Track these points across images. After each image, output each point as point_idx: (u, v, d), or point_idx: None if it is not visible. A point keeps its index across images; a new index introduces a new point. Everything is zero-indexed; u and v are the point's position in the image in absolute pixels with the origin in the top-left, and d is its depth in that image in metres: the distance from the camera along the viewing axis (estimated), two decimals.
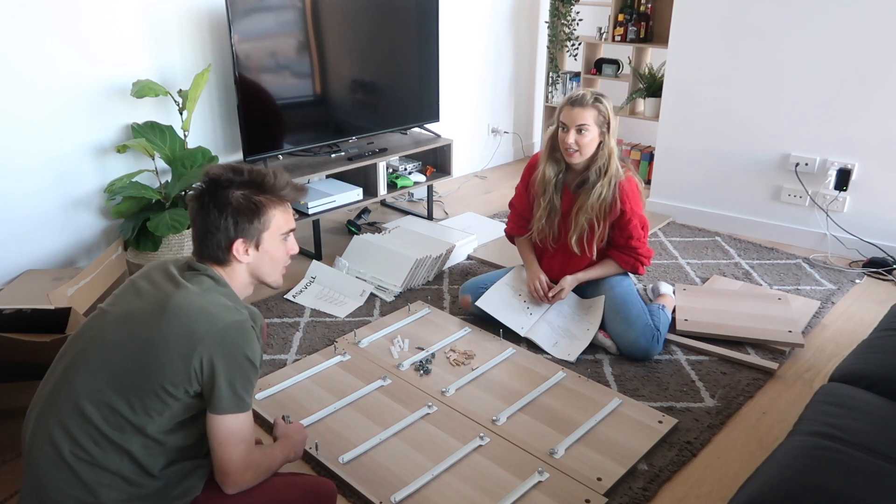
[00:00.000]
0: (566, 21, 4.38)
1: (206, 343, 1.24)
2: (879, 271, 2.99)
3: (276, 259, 1.43)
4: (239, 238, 1.35)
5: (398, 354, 2.33)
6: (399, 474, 1.77)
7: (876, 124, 2.98)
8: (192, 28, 2.89)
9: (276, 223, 1.39)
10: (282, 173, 1.40)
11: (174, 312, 1.25)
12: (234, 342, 1.26)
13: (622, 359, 2.33)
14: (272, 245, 1.40)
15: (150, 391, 1.23)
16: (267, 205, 1.37)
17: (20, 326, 1.91)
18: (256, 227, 1.36)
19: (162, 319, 1.25)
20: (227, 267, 1.39)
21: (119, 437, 1.23)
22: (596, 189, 2.30)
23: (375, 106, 3.43)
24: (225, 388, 1.25)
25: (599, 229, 2.35)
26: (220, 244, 1.35)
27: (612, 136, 2.29)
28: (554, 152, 2.36)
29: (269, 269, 1.43)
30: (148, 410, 1.24)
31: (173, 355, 1.23)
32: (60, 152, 2.65)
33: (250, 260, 1.39)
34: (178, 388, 1.24)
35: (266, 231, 1.38)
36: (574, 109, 2.24)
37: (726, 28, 3.24)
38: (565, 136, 2.27)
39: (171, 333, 1.24)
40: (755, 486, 1.24)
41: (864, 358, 1.71)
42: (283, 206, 1.40)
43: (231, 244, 1.35)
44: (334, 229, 3.56)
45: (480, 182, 4.38)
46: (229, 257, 1.37)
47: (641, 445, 1.88)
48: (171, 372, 1.23)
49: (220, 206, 1.33)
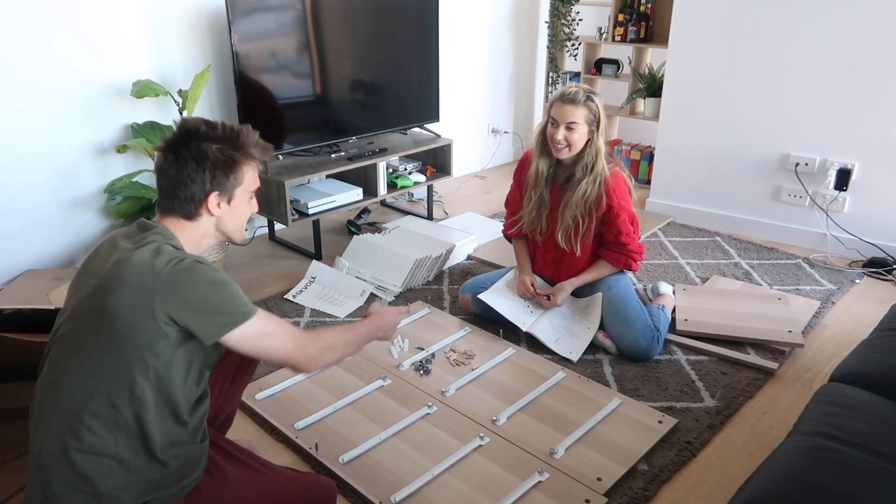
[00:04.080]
0: (566, 21, 4.38)
1: (160, 295, 1.20)
2: (879, 271, 2.99)
3: (243, 216, 1.43)
4: (215, 191, 1.35)
5: (398, 354, 2.33)
6: (399, 474, 1.77)
7: (876, 124, 2.98)
8: (192, 28, 2.89)
9: (248, 180, 1.40)
10: (252, 131, 1.41)
11: (120, 280, 1.22)
12: (186, 280, 1.23)
13: (622, 359, 2.33)
14: (242, 201, 1.40)
15: (131, 361, 1.21)
16: (242, 161, 1.37)
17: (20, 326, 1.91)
18: (232, 181, 1.36)
19: (110, 291, 1.22)
20: (193, 221, 1.37)
21: (113, 418, 1.22)
22: (581, 186, 2.30)
23: (375, 106, 3.43)
24: (210, 315, 1.24)
25: (585, 225, 2.35)
26: (193, 197, 1.34)
27: (601, 134, 2.29)
28: (545, 146, 2.36)
29: (235, 226, 1.43)
30: (136, 380, 1.22)
31: (137, 319, 1.20)
32: (61, 152, 2.65)
33: (221, 214, 1.38)
34: (156, 345, 1.22)
35: (239, 187, 1.38)
36: (565, 106, 2.24)
37: (726, 28, 3.24)
38: (554, 131, 2.27)
39: (124, 299, 1.21)
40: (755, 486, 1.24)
41: (864, 358, 1.71)
42: (254, 164, 1.41)
43: (206, 197, 1.34)
44: (334, 229, 3.56)
45: (480, 182, 4.38)
46: (200, 210, 1.36)
47: (641, 445, 1.88)
48: (143, 335, 1.21)
49: (198, 158, 1.32)
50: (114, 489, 1.24)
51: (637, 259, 2.41)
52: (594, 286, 2.48)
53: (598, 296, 2.43)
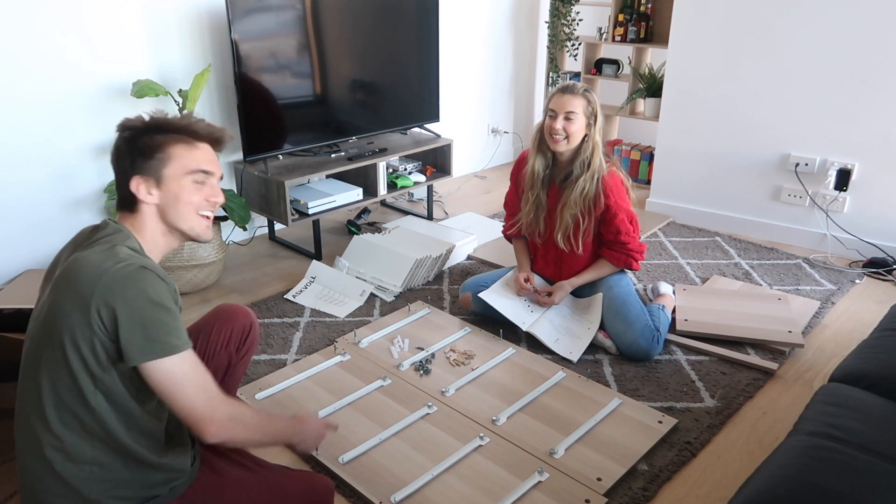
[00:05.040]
0: (566, 21, 4.38)
1: (97, 294, 1.16)
2: (879, 271, 2.99)
3: (187, 201, 1.32)
4: (135, 174, 1.29)
5: (398, 354, 2.33)
6: (399, 474, 1.77)
7: (876, 125, 2.98)
8: (192, 28, 2.89)
9: (181, 160, 1.31)
10: (190, 117, 1.36)
11: (66, 279, 1.20)
12: (127, 286, 1.17)
13: (622, 359, 2.33)
14: (178, 184, 1.31)
15: (74, 368, 1.18)
16: (168, 140, 1.30)
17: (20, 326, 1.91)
18: (155, 163, 1.29)
19: (56, 291, 1.20)
20: (137, 214, 1.31)
21: (80, 425, 1.20)
22: (579, 183, 2.31)
23: (375, 106, 3.43)
24: (136, 334, 1.17)
25: (585, 225, 2.35)
26: (120, 185, 1.31)
27: (598, 131, 2.30)
28: (542, 144, 2.36)
29: (180, 214, 1.33)
30: (84, 389, 1.19)
31: (72, 315, 1.18)
32: (61, 152, 2.65)
33: (156, 200, 1.31)
34: (90, 345, 1.18)
35: (166, 167, 1.30)
36: (564, 96, 2.27)
37: (726, 28, 3.24)
38: (553, 122, 2.28)
39: (66, 298, 1.18)
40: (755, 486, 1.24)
41: (864, 358, 1.71)
42: (190, 144, 1.32)
43: (128, 182, 1.29)
44: (334, 229, 3.56)
45: (480, 182, 4.38)
46: (133, 198, 1.31)
47: (641, 445, 1.88)
48: (78, 332, 1.17)
49: (119, 146, 1.31)
50: (99, 494, 1.22)
51: (638, 258, 2.41)
52: (594, 286, 2.48)
53: (598, 296, 2.43)
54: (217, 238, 2.81)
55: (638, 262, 2.42)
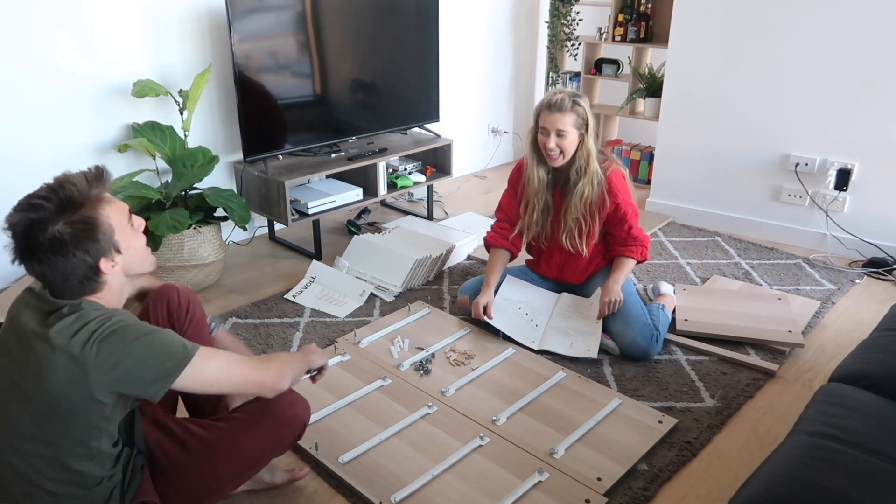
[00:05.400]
0: (566, 21, 4.38)
1: (93, 373, 1.19)
2: (879, 271, 2.99)
3: (138, 247, 1.35)
4: (101, 258, 1.26)
5: (398, 354, 2.33)
6: (399, 474, 1.77)
7: (876, 124, 2.98)
8: (192, 28, 2.89)
9: (115, 219, 1.28)
10: (75, 176, 1.26)
11: (49, 370, 1.20)
12: (119, 342, 1.21)
13: (622, 359, 2.33)
14: (127, 239, 1.31)
15: (75, 439, 1.25)
16: (95, 212, 1.24)
17: None
18: (105, 237, 1.25)
19: (42, 377, 1.21)
20: (99, 288, 1.29)
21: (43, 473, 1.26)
22: (578, 189, 2.31)
23: (375, 106, 3.43)
24: (147, 374, 1.23)
25: (588, 226, 2.36)
26: (85, 278, 1.25)
27: (591, 135, 2.29)
28: (539, 155, 2.36)
29: (139, 261, 1.36)
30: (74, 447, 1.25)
31: (76, 405, 1.21)
32: (61, 151, 2.65)
33: (121, 266, 1.31)
34: (102, 420, 1.25)
35: (115, 233, 1.28)
36: (553, 115, 2.24)
37: (726, 28, 3.24)
38: (546, 140, 2.28)
39: (58, 385, 1.20)
40: (755, 486, 1.24)
41: (864, 358, 1.71)
42: (105, 201, 1.28)
43: (97, 270, 1.26)
44: (334, 229, 3.56)
45: (480, 182, 4.38)
46: (100, 279, 1.28)
47: (641, 445, 1.88)
48: (88, 420, 1.23)
49: (58, 248, 1.21)
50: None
51: (647, 247, 2.44)
52: (595, 284, 2.49)
53: (597, 291, 2.44)
54: (217, 238, 2.81)
55: (647, 251, 2.45)
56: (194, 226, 2.68)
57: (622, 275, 2.40)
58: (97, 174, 1.28)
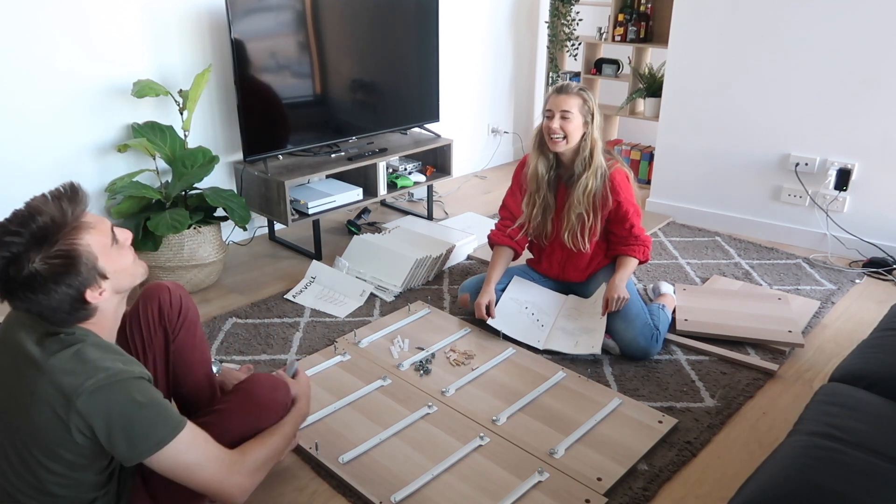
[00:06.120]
0: (566, 21, 4.38)
1: (74, 413, 1.16)
2: (879, 271, 2.99)
3: (126, 266, 1.29)
4: (86, 290, 1.19)
5: (398, 354, 2.33)
6: (399, 474, 1.77)
7: (876, 124, 2.98)
8: (192, 28, 2.89)
9: (97, 246, 1.20)
10: (46, 202, 1.18)
11: (41, 397, 1.18)
12: (108, 400, 1.18)
13: (622, 359, 2.33)
14: (113, 262, 1.24)
15: (55, 472, 1.23)
16: (73, 243, 1.17)
17: None
18: (87, 265, 1.18)
19: (31, 406, 1.19)
20: (94, 316, 1.25)
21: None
22: (581, 181, 2.32)
23: (375, 106, 3.43)
24: (121, 441, 1.19)
25: (590, 223, 2.36)
26: (73, 309, 1.20)
27: (596, 128, 2.31)
28: (542, 146, 2.37)
29: (129, 279, 1.30)
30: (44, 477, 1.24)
31: (52, 434, 1.19)
32: (61, 151, 2.65)
33: (109, 291, 1.25)
34: (69, 452, 1.21)
35: (98, 260, 1.20)
36: (560, 96, 2.28)
37: (726, 28, 3.24)
38: (550, 122, 2.29)
39: (43, 416, 1.18)
40: (755, 486, 1.24)
41: (864, 358, 1.71)
42: (83, 227, 1.20)
43: (84, 301, 1.20)
44: (334, 229, 3.56)
45: (480, 182, 4.38)
46: (89, 308, 1.23)
47: (641, 445, 1.88)
48: (67, 460, 1.21)
49: (38, 286, 1.14)
50: None
51: (649, 246, 2.45)
52: (597, 284, 2.49)
53: (600, 289, 2.45)
54: (217, 238, 2.81)
55: (650, 251, 2.46)
56: (194, 226, 2.68)
57: (626, 273, 2.40)
58: (71, 195, 1.20)
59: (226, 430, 1.43)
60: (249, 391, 1.52)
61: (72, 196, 1.20)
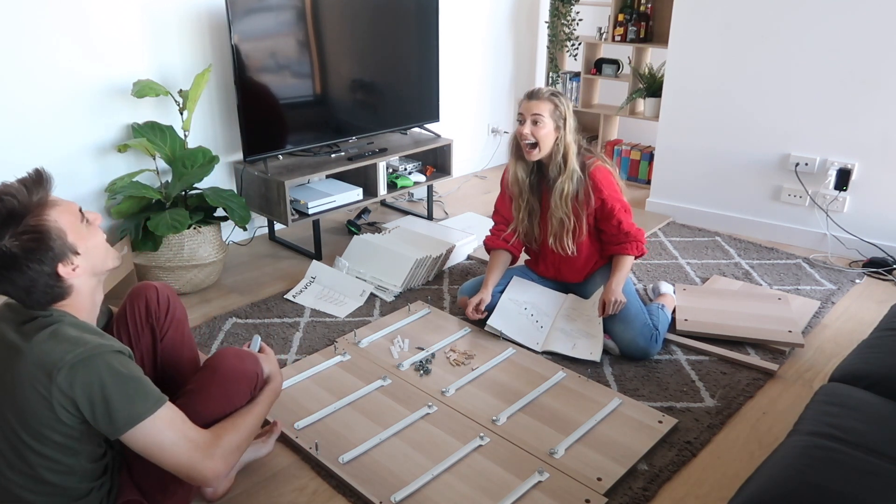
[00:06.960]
0: (566, 21, 4.39)
1: (56, 387, 1.18)
2: (879, 271, 2.99)
3: (98, 243, 1.32)
4: (58, 264, 1.23)
5: (398, 354, 2.33)
6: (399, 474, 1.77)
7: (876, 124, 2.98)
8: (192, 28, 2.89)
9: (64, 222, 1.25)
10: (9, 186, 1.24)
11: (24, 379, 1.20)
12: (88, 372, 1.20)
13: (622, 359, 2.33)
14: (83, 239, 1.28)
15: (47, 456, 1.24)
16: (41, 219, 1.21)
17: None
18: (58, 242, 1.23)
19: (16, 390, 1.21)
20: (69, 294, 1.28)
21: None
22: (557, 185, 2.30)
23: (375, 106, 3.43)
24: (102, 415, 1.21)
25: (572, 225, 2.34)
26: (48, 287, 1.24)
27: (570, 132, 2.29)
28: (518, 150, 2.36)
29: (102, 257, 1.33)
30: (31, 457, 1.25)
31: (38, 415, 1.20)
32: (61, 151, 2.65)
33: (84, 268, 1.28)
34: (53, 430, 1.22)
35: (67, 236, 1.24)
36: (531, 101, 2.27)
37: (726, 28, 3.24)
38: (521, 127, 2.28)
39: (27, 397, 1.20)
40: (755, 486, 1.24)
41: (864, 358, 1.71)
42: (49, 205, 1.25)
43: (57, 276, 1.24)
44: (334, 229, 3.56)
45: (480, 182, 4.38)
46: (65, 285, 1.26)
47: (641, 445, 1.88)
48: (57, 442, 1.23)
49: (9, 264, 1.19)
50: None
51: (643, 242, 2.42)
52: (596, 284, 2.49)
53: (598, 291, 2.44)
54: (217, 238, 2.81)
55: (644, 245, 2.43)
56: (194, 226, 2.68)
57: (622, 275, 2.39)
58: (36, 178, 1.25)
59: (199, 410, 1.42)
60: (216, 366, 1.51)
61: (37, 179, 1.26)
